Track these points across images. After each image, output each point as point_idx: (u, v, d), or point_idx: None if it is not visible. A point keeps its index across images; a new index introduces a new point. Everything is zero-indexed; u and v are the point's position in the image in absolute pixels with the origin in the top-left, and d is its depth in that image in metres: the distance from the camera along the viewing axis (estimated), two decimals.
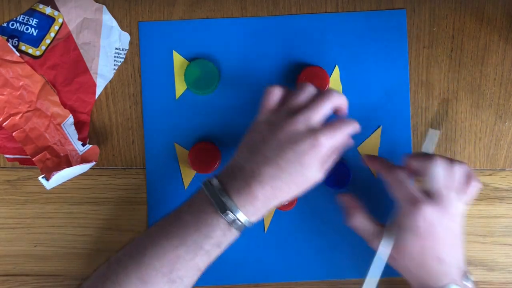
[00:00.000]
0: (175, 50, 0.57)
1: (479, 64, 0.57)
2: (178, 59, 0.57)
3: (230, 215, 0.44)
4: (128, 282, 0.44)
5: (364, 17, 0.57)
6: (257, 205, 0.45)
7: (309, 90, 0.49)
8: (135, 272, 0.44)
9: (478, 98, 0.57)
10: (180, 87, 0.57)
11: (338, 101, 0.48)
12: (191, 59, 0.56)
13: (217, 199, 0.45)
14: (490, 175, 0.58)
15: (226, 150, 0.57)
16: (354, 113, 0.56)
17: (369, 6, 0.57)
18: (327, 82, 0.55)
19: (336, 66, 0.57)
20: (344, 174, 0.56)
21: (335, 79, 0.56)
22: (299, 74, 0.55)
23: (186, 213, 0.46)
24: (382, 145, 0.57)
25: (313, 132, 0.46)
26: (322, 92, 0.48)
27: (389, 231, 0.50)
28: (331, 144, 0.46)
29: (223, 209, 0.44)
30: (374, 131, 0.57)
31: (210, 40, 0.57)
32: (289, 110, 0.47)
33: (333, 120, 0.48)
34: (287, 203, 0.55)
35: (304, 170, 0.46)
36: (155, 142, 0.57)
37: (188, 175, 0.57)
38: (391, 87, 0.57)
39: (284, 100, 0.49)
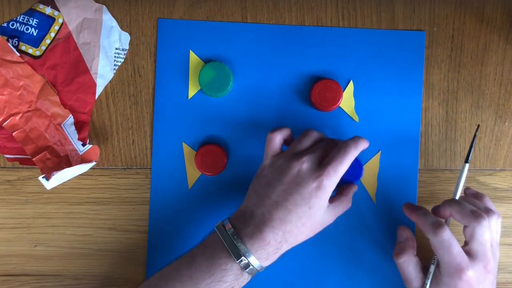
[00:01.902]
0: (192, 50, 0.57)
1: (479, 64, 0.57)
2: (194, 59, 0.57)
3: (244, 261, 0.45)
4: None
5: (383, 35, 0.57)
6: (269, 250, 0.46)
7: (313, 136, 0.51)
8: None
9: (478, 98, 0.57)
10: (193, 88, 0.57)
11: (354, 153, 0.49)
12: (206, 60, 0.57)
13: (231, 245, 0.46)
14: (490, 175, 0.58)
15: (234, 154, 0.57)
16: (362, 130, 0.57)
17: (369, 4, 0.57)
18: (340, 96, 0.55)
19: (351, 81, 0.57)
20: (356, 167, 0.54)
21: (348, 94, 0.56)
22: (313, 86, 0.55)
23: (201, 256, 0.47)
24: (383, 167, 0.57)
25: (317, 174, 0.47)
26: (339, 144, 0.49)
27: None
28: (335, 182, 0.47)
29: (237, 255, 0.45)
30: (373, 156, 0.57)
31: (228, 44, 0.57)
32: (292, 154, 0.49)
33: (336, 148, 0.49)
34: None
35: (312, 212, 0.47)
36: (163, 139, 0.57)
37: (193, 176, 0.57)
38: (403, 109, 0.57)
39: (287, 144, 0.52)
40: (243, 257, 0.45)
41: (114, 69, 0.57)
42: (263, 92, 0.57)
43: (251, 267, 0.46)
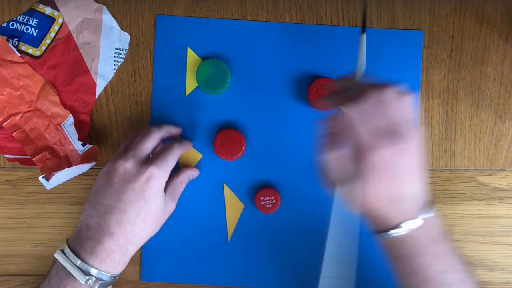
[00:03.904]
0: (189, 47, 0.57)
1: (479, 64, 0.57)
2: (191, 56, 0.57)
3: (91, 278, 0.44)
4: None
5: (381, 35, 0.57)
6: (115, 257, 0.45)
7: (134, 134, 0.52)
8: None
9: (478, 98, 0.57)
10: (191, 84, 0.57)
11: (161, 134, 0.51)
12: (204, 57, 0.57)
13: (73, 267, 0.44)
14: (490, 175, 0.58)
15: None
16: None
17: (369, 4, 0.57)
18: None
19: None
20: None
21: None
22: (310, 84, 0.55)
23: None
24: None
25: (144, 166, 0.47)
26: (144, 131, 0.51)
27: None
28: (166, 172, 0.48)
29: (82, 275, 0.44)
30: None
31: (226, 41, 0.57)
32: (119, 154, 0.49)
33: (161, 147, 0.51)
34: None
35: (150, 205, 0.46)
36: None
37: None
38: None
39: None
40: (88, 276, 0.44)
41: (114, 69, 0.57)
42: (260, 89, 0.57)
43: (101, 281, 0.45)
